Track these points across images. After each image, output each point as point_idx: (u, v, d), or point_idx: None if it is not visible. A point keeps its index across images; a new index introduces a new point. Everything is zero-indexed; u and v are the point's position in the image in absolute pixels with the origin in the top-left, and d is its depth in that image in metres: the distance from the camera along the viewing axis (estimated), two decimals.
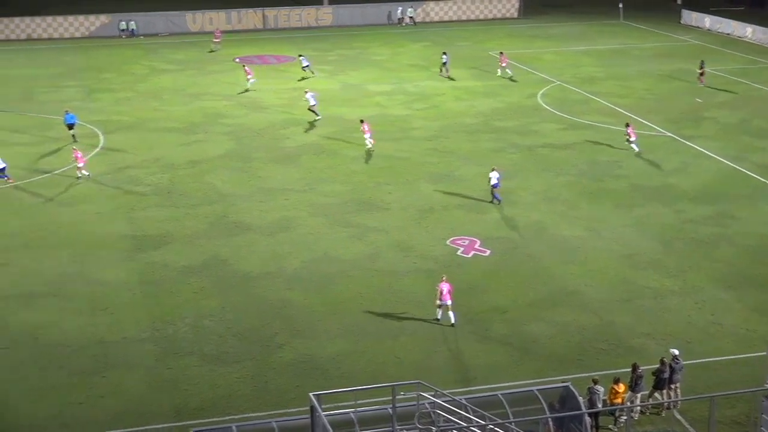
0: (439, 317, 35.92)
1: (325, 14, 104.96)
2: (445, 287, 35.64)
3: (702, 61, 75.13)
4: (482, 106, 67.47)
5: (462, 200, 48.42)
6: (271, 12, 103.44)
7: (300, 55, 79.34)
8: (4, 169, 51.53)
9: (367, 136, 56.74)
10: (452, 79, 75.88)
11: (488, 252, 42.30)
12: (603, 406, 28.98)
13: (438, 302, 35.82)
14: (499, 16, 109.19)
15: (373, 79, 76.82)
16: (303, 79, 76.12)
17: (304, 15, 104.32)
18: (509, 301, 37.64)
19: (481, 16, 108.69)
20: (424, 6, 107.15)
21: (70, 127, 59.30)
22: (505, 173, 51.74)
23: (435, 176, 51.87)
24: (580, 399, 26.92)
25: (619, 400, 29.22)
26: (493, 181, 47.79)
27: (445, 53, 78.50)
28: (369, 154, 55.90)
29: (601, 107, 67.13)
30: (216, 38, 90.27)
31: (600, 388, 29.03)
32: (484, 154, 55.84)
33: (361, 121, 57.78)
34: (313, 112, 63.42)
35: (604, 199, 48.62)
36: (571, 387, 27.14)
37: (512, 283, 39.26)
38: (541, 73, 78.30)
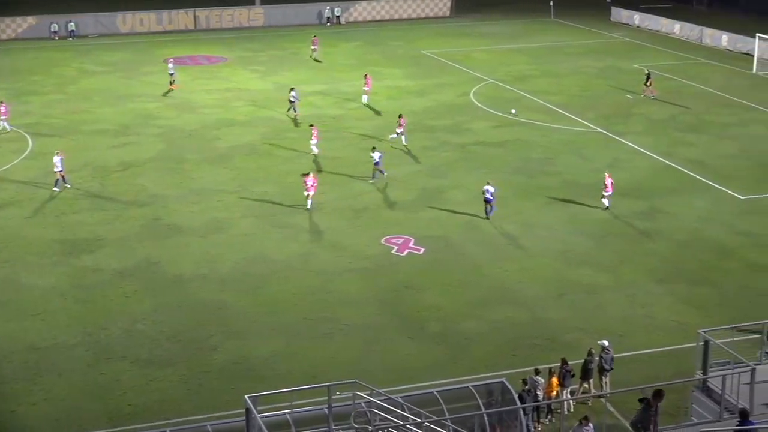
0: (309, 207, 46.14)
1: (257, 14, 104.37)
2: (309, 181, 46.64)
3: (648, 72, 70.40)
4: (415, 105, 67.47)
5: (396, 199, 48.47)
6: (202, 12, 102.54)
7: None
8: None
9: (313, 142, 54.99)
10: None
11: (422, 250, 42.39)
12: (541, 399, 29.26)
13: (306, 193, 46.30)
14: (431, 15, 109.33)
15: (307, 79, 76.40)
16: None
17: (236, 15, 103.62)
18: (443, 299, 37.75)
19: (414, 15, 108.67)
20: (356, 5, 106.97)
21: None
22: (439, 172, 52.03)
23: (369, 176, 51.76)
24: (515, 394, 27.05)
25: (554, 394, 29.51)
26: (487, 195, 45.70)
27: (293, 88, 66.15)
28: (314, 159, 54.31)
29: (534, 105, 67.59)
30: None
31: (540, 379, 29.34)
32: (417, 152, 55.94)
33: (311, 126, 56.27)
34: None
35: (537, 196, 48.93)
36: (506, 382, 27.25)
37: (446, 281, 39.38)
38: (473, 72, 78.58)
